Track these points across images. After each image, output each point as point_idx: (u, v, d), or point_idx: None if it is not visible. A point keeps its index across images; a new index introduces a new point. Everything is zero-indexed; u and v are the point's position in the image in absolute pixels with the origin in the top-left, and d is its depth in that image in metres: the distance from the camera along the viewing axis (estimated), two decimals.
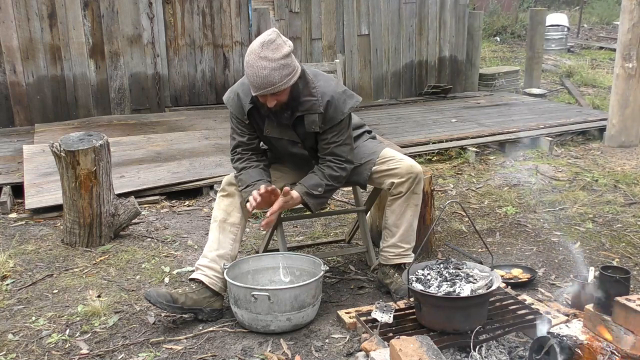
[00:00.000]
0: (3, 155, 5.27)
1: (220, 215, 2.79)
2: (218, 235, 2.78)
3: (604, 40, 13.75)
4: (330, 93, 2.65)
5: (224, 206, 2.80)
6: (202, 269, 2.75)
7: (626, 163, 5.28)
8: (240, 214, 2.79)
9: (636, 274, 3.18)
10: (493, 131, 6.04)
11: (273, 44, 2.46)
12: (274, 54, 2.44)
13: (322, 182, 2.71)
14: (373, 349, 2.27)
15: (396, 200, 2.84)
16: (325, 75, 2.76)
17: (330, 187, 2.74)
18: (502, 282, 2.86)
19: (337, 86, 2.73)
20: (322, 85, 2.66)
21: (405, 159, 2.85)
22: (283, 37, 2.52)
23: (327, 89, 2.66)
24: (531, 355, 2.15)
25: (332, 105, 2.65)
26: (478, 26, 8.66)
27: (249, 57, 2.47)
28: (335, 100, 2.65)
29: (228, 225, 2.78)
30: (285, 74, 2.48)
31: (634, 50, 5.54)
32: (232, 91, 2.78)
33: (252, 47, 2.49)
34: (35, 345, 2.58)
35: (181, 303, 2.65)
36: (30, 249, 3.57)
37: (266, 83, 2.46)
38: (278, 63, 2.45)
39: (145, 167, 4.80)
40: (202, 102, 7.32)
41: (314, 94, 2.64)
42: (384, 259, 2.96)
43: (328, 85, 2.68)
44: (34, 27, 6.30)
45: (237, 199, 2.78)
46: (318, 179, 2.72)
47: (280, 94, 2.53)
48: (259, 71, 2.44)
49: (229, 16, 7.24)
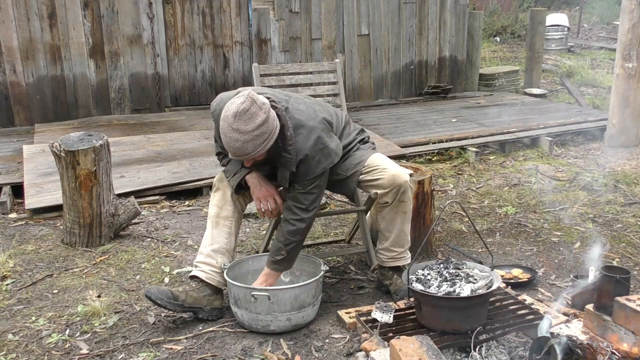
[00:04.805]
0: (3, 155, 5.27)
1: (213, 210, 2.81)
2: (212, 230, 2.79)
3: (604, 40, 13.75)
4: (305, 151, 2.54)
5: (216, 201, 2.81)
6: (199, 265, 2.77)
7: (626, 163, 5.28)
8: (232, 206, 2.79)
9: (636, 274, 3.18)
10: (493, 131, 6.04)
11: (246, 114, 2.36)
12: (246, 126, 2.36)
13: (281, 247, 2.67)
14: (373, 349, 2.27)
15: (384, 209, 2.82)
16: (309, 126, 2.58)
17: (291, 244, 2.67)
18: (502, 282, 2.86)
19: (316, 143, 2.57)
20: (300, 141, 2.55)
21: (389, 168, 2.76)
22: (258, 102, 2.40)
23: (304, 145, 2.55)
24: (531, 355, 2.15)
25: (305, 164, 2.57)
26: (478, 26, 8.66)
27: (223, 124, 2.40)
28: (309, 159, 2.56)
29: (221, 219, 2.78)
30: (259, 142, 2.40)
31: (634, 50, 5.53)
32: (219, 108, 2.61)
33: (225, 113, 2.40)
34: (35, 345, 2.58)
35: (182, 301, 2.66)
36: (30, 249, 3.57)
37: (240, 153, 2.42)
38: (251, 135, 2.37)
39: (145, 167, 4.80)
40: (202, 102, 7.32)
41: (290, 152, 2.54)
42: (380, 261, 2.97)
43: (307, 141, 2.56)
44: (34, 27, 6.29)
45: (228, 192, 2.78)
46: (278, 244, 2.68)
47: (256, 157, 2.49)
48: (231, 142, 2.40)
49: (229, 16, 7.24)
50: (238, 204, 2.81)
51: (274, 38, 7.37)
